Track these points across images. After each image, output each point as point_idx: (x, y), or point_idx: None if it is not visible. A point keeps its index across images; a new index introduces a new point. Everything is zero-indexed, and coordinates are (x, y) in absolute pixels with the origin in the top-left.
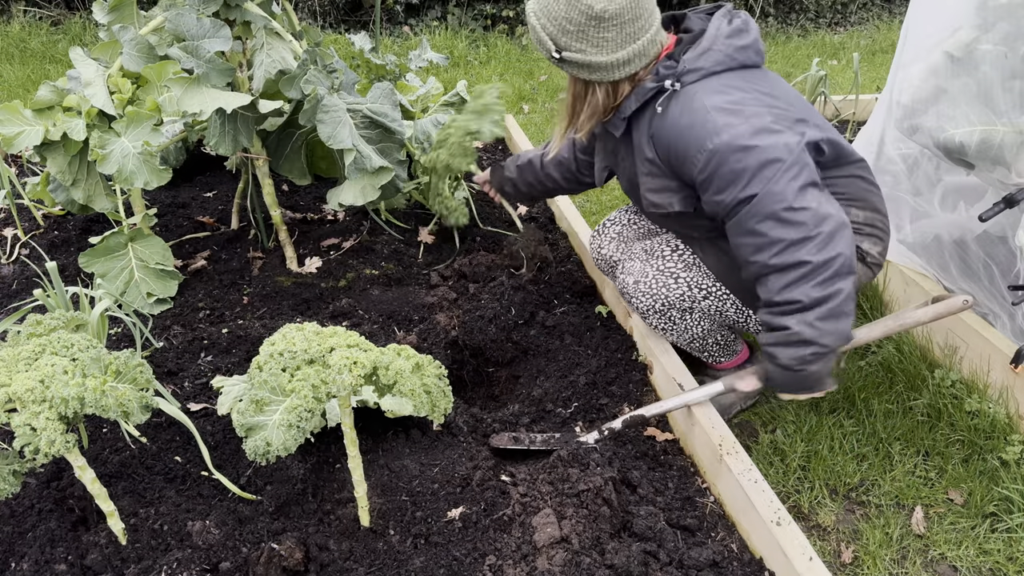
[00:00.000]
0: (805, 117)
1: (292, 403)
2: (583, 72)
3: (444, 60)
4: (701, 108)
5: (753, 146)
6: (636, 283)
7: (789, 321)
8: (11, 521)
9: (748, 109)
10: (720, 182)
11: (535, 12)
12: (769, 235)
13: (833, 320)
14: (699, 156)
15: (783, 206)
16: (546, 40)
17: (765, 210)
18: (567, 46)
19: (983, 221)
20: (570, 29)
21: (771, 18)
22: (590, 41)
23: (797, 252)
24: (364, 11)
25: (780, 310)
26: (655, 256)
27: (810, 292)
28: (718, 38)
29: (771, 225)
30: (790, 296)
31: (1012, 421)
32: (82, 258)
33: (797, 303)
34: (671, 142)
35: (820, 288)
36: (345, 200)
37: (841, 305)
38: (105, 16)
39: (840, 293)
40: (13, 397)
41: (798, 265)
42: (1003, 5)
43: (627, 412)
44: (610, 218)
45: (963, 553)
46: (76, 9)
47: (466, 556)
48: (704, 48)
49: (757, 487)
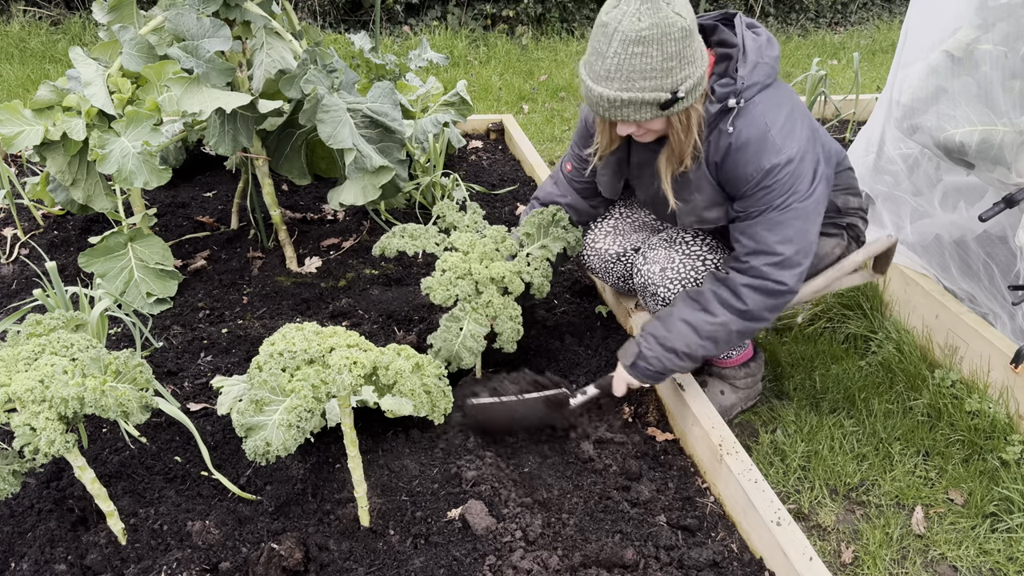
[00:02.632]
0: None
1: (292, 403)
2: (694, 95)
3: (444, 60)
4: (764, 126)
5: (794, 163)
6: (663, 270)
7: (724, 314)
8: (11, 521)
9: (796, 128)
10: (763, 194)
11: (619, 89)
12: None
13: (732, 339)
14: (756, 173)
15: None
16: (654, 97)
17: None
18: (678, 82)
19: (983, 221)
20: (672, 65)
21: (771, 18)
22: (690, 60)
23: (783, 273)
24: (364, 11)
25: (725, 301)
26: (678, 243)
27: (763, 311)
28: (761, 51)
29: (778, 238)
30: (746, 299)
31: (1012, 421)
32: (82, 258)
33: (743, 307)
34: (730, 156)
35: (771, 312)
36: (345, 200)
37: (744, 335)
38: (105, 16)
39: (755, 329)
40: (13, 397)
41: (780, 283)
42: (1003, 5)
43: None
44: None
45: (963, 553)
46: (76, 9)
47: (466, 556)
48: (753, 62)
49: (757, 487)
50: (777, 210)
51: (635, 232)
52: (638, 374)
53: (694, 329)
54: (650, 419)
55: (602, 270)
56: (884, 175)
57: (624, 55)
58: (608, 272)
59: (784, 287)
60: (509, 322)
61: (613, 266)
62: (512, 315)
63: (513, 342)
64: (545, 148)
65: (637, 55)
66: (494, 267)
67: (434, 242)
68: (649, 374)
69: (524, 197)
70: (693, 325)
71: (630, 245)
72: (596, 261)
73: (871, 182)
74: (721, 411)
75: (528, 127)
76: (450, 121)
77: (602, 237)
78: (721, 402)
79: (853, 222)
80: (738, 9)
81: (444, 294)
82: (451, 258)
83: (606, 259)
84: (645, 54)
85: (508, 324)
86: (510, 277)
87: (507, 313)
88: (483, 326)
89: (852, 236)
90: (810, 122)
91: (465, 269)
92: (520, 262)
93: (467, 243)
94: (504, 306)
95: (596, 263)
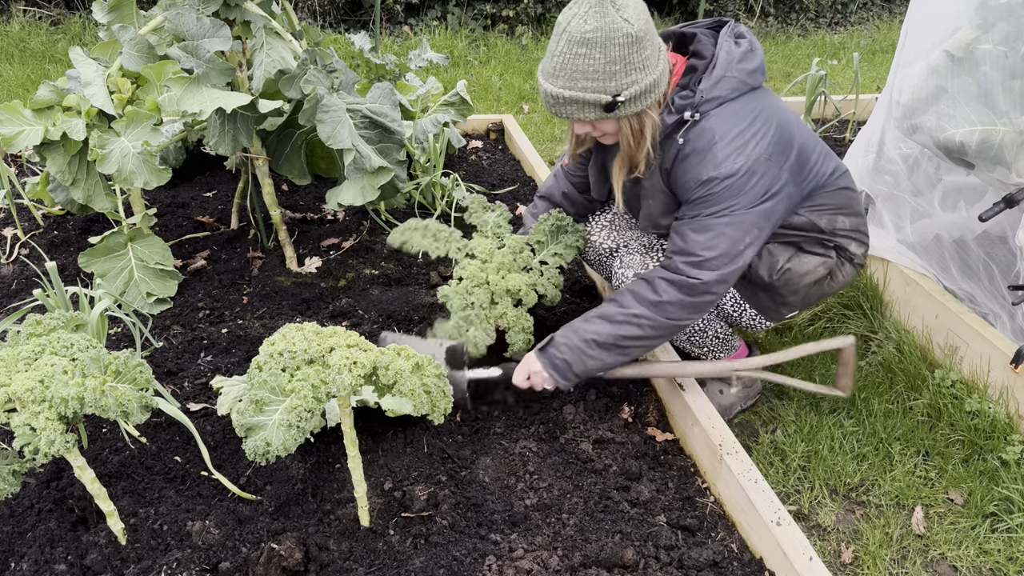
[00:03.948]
0: (794, 147)
1: (292, 403)
2: (641, 102)
3: (444, 60)
4: (710, 140)
5: (739, 177)
6: (636, 276)
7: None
8: (11, 521)
9: (749, 144)
10: (699, 202)
11: (562, 87)
12: (690, 243)
13: (647, 335)
14: (693, 183)
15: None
16: (594, 98)
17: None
18: (620, 87)
19: (983, 221)
20: (615, 70)
21: (771, 18)
22: (638, 67)
23: (700, 271)
24: (364, 11)
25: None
26: (654, 249)
27: (678, 308)
28: (730, 64)
29: (700, 238)
30: (660, 290)
31: (1012, 421)
32: (82, 258)
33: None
34: (677, 164)
35: (686, 311)
36: (345, 200)
37: (660, 332)
38: (105, 16)
39: (671, 327)
40: (13, 397)
41: (693, 278)
42: (1003, 5)
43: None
44: (600, 207)
45: (963, 553)
46: (76, 9)
47: (466, 556)
48: (718, 76)
49: (757, 487)
50: (710, 216)
51: (629, 230)
52: (545, 359)
53: (606, 319)
54: (650, 419)
55: (596, 263)
56: (884, 175)
57: (569, 55)
58: (602, 266)
59: (698, 282)
60: (522, 334)
61: (606, 260)
62: (525, 327)
63: (524, 352)
64: (545, 148)
65: (580, 56)
66: (511, 279)
67: (456, 247)
68: (555, 362)
69: (524, 197)
70: (606, 316)
71: (623, 242)
72: (591, 254)
73: (871, 182)
74: (721, 411)
75: (528, 127)
76: (450, 121)
77: (598, 231)
78: (720, 401)
79: (843, 244)
80: (738, 9)
81: (461, 302)
82: (470, 266)
83: (600, 252)
84: (588, 56)
85: (520, 336)
86: (526, 290)
87: (520, 325)
88: (489, 335)
89: (845, 257)
90: (782, 138)
91: (483, 279)
92: (535, 274)
93: (487, 251)
94: (517, 318)
95: (591, 255)
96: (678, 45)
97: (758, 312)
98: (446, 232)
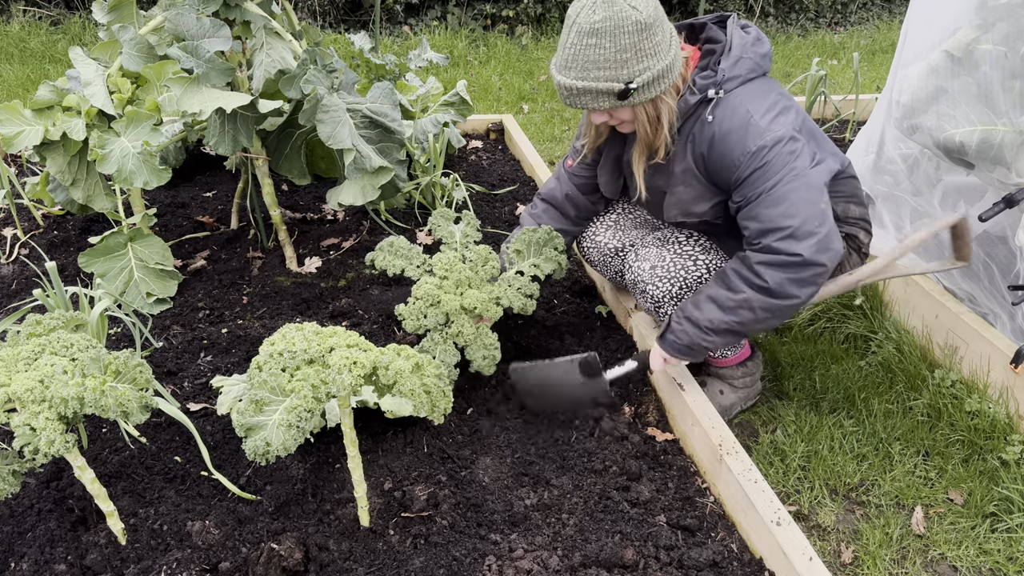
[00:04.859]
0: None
1: (292, 403)
2: (654, 88)
3: (444, 60)
4: (745, 113)
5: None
6: (653, 268)
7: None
8: (11, 521)
9: (783, 115)
10: (756, 176)
11: (576, 78)
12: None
13: (762, 317)
14: (742, 158)
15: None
16: (608, 87)
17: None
18: (633, 74)
19: (983, 221)
20: (626, 57)
21: (771, 18)
22: (649, 54)
23: (795, 244)
24: (364, 11)
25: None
26: (671, 242)
27: (787, 286)
28: (745, 46)
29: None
30: (764, 276)
31: (1012, 421)
32: (82, 258)
33: (763, 284)
34: (715, 146)
35: (798, 287)
36: (345, 200)
37: (776, 312)
38: (105, 16)
39: (786, 307)
40: (13, 397)
41: (793, 255)
42: (1003, 5)
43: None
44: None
45: (963, 553)
46: (76, 9)
47: (466, 556)
48: (736, 56)
49: (757, 487)
50: (775, 187)
51: (635, 229)
52: (667, 347)
53: (718, 305)
54: (650, 419)
55: (600, 263)
56: (884, 175)
57: (579, 46)
58: (607, 266)
59: (799, 258)
60: (482, 350)
61: (611, 260)
62: (486, 343)
63: (490, 367)
64: (545, 148)
65: (591, 46)
66: (468, 296)
67: (416, 264)
68: (678, 347)
69: (524, 197)
70: (717, 301)
71: (628, 241)
72: (595, 254)
73: (871, 182)
74: (721, 411)
75: (528, 127)
76: (450, 121)
77: (603, 230)
78: (720, 402)
79: (853, 232)
80: (737, 9)
81: (414, 324)
82: (425, 285)
83: (605, 252)
84: (599, 45)
85: (480, 352)
86: (484, 306)
87: (480, 342)
88: (452, 356)
89: (853, 247)
90: (806, 121)
91: (437, 297)
92: (500, 286)
93: (446, 266)
94: (476, 335)
95: (595, 255)
96: (689, 38)
97: None
98: (405, 248)
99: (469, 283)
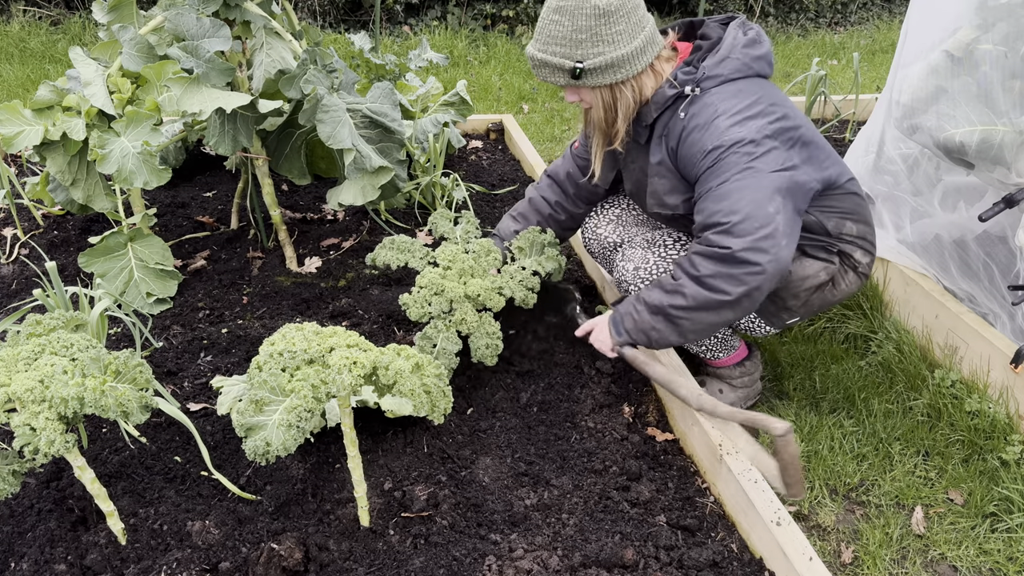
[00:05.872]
0: (802, 136)
1: (292, 403)
2: (608, 75)
3: (444, 60)
4: (712, 113)
5: (748, 142)
6: (636, 269)
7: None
8: (11, 521)
9: (753, 119)
10: (709, 174)
11: (537, 49)
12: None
13: (696, 307)
14: (699, 155)
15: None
16: (560, 62)
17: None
18: (585, 55)
19: (983, 221)
20: (582, 38)
21: (771, 18)
22: (605, 40)
23: (728, 239)
24: (364, 11)
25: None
26: (657, 245)
27: (717, 280)
28: (735, 47)
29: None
30: (698, 265)
31: (1012, 421)
32: (82, 258)
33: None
34: (683, 143)
35: (727, 283)
36: (345, 200)
37: (708, 306)
38: (105, 16)
39: (716, 301)
40: (13, 397)
41: (725, 248)
42: (1003, 5)
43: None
44: (608, 201)
45: (963, 553)
46: (76, 9)
47: (466, 556)
48: (722, 56)
49: (757, 487)
50: (724, 184)
51: (636, 226)
52: (612, 324)
53: (660, 287)
54: (650, 419)
55: (600, 255)
56: (884, 175)
57: (546, 20)
58: (606, 259)
59: (727, 251)
60: (485, 338)
61: (611, 254)
62: (489, 331)
63: (492, 357)
64: (545, 148)
65: (554, 22)
66: (471, 284)
67: (419, 256)
68: (616, 317)
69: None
70: (660, 284)
71: (628, 236)
72: (596, 246)
73: (871, 182)
74: None
75: (528, 127)
76: (450, 121)
77: (605, 224)
78: (720, 401)
79: (848, 250)
80: (738, 9)
81: (419, 311)
82: (429, 274)
83: (605, 246)
84: (559, 22)
85: (483, 340)
86: (486, 294)
87: (483, 330)
88: (454, 344)
89: (849, 265)
90: (789, 126)
91: (440, 286)
92: (502, 276)
93: (449, 257)
94: (479, 323)
95: (596, 247)
96: (688, 35)
97: (758, 315)
98: (408, 243)
99: (472, 273)
